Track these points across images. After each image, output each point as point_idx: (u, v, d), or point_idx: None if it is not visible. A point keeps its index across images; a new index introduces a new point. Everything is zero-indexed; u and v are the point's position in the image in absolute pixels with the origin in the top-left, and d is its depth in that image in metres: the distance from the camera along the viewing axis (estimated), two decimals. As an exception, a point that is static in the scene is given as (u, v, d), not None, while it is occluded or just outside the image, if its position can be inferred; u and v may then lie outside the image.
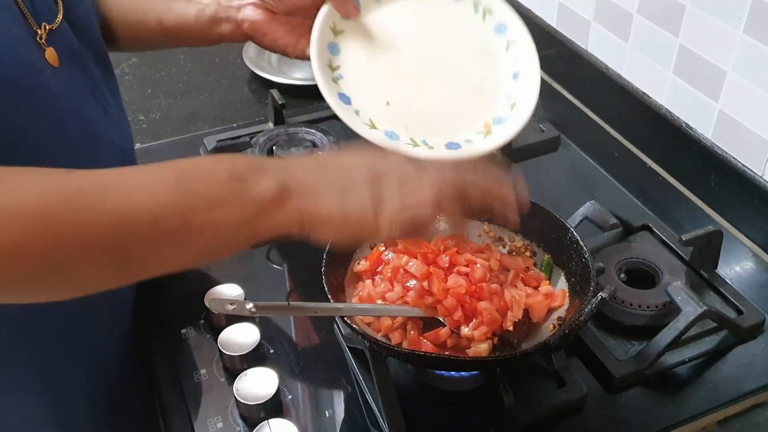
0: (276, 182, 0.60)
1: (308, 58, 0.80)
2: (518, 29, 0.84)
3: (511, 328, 0.78)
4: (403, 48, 0.83)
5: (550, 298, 0.81)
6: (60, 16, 0.74)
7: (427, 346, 0.78)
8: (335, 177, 0.63)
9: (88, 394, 0.89)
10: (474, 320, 0.78)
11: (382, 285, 0.82)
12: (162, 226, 0.56)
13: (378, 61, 0.82)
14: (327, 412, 0.81)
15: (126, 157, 0.86)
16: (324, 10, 0.82)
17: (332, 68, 0.81)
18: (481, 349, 0.76)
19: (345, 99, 0.78)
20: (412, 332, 0.79)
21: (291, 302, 0.78)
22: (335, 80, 0.80)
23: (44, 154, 0.71)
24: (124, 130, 0.87)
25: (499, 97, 0.83)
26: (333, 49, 0.82)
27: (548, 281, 0.85)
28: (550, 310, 0.82)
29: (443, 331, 0.78)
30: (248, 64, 1.39)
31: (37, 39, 0.70)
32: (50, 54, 0.72)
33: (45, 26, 0.72)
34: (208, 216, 0.58)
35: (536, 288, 0.83)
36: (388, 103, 0.80)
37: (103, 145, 0.80)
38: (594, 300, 0.73)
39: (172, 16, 0.92)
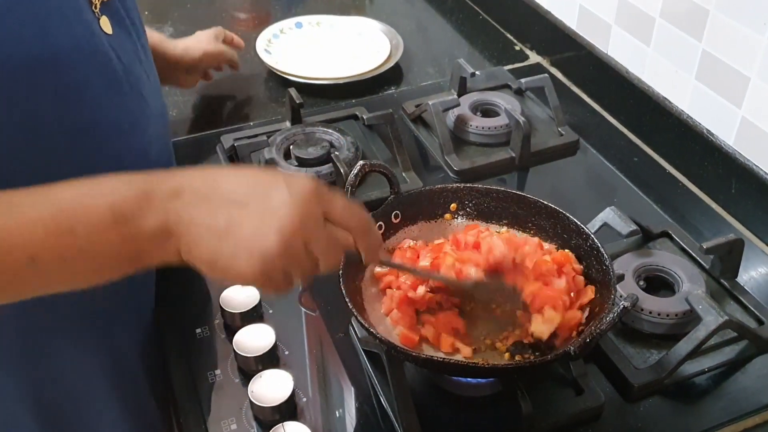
0: (158, 222, 0.59)
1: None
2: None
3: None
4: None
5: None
6: None
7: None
8: (218, 215, 0.60)
9: (107, 393, 0.90)
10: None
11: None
12: (39, 265, 0.58)
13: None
14: (342, 416, 0.80)
15: (164, 123, 0.90)
16: None
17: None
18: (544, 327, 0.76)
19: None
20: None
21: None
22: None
23: (104, 108, 0.75)
24: (161, 99, 0.90)
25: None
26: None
27: None
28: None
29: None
30: (266, 62, 1.38)
31: (93, 8, 0.74)
32: (104, 22, 0.76)
33: None
34: (85, 255, 0.59)
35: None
36: None
37: (149, 106, 0.83)
38: (616, 309, 0.72)
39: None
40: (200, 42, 1.25)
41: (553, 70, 1.41)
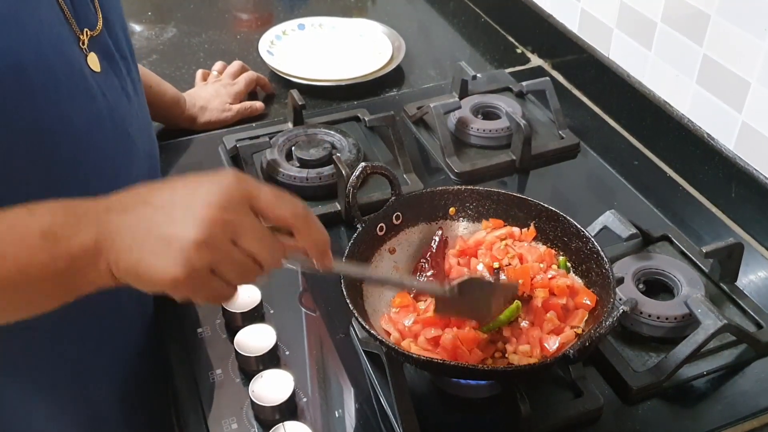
0: (87, 238, 0.57)
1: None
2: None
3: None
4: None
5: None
6: (100, 23, 0.75)
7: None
8: (140, 220, 0.58)
9: (110, 394, 0.90)
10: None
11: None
12: None
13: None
14: (341, 416, 0.81)
15: (152, 165, 0.87)
16: None
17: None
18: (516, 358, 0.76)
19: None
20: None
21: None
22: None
23: (84, 151, 0.72)
24: (150, 135, 0.88)
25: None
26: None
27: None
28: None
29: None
30: (269, 64, 1.39)
31: (80, 45, 0.71)
32: (92, 59, 0.73)
33: (87, 32, 0.72)
34: (18, 278, 0.57)
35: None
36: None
37: (135, 146, 0.81)
38: (615, 312, 0.73)
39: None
40: (219, 97, 1.26)
41: (555, 74, 1.42)
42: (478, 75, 1.27)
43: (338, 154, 1.08)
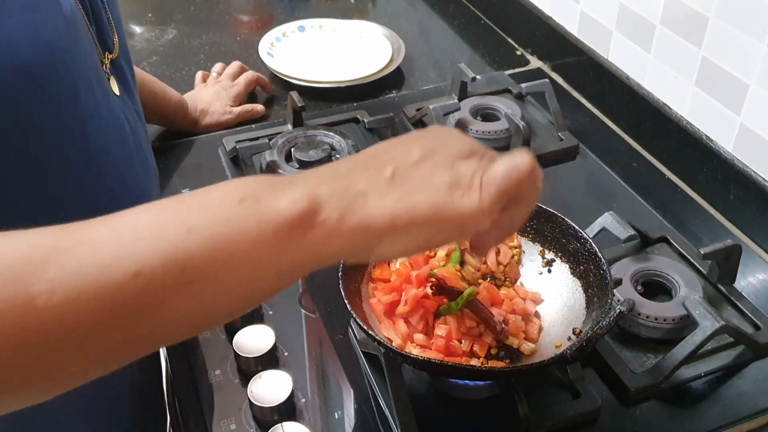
0: (301, 193, 0.45)
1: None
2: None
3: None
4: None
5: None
6: (116, 46, 0.75)
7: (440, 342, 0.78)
8: (380, 167, 0.48)
9: (108, 391, 0.90)
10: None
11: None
12: (146, 280, 0.41)
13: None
14: (340, 417, 0.81)
15: (157, 181, 0.88)
16: None
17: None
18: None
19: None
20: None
21: None
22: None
23: (121, 177, 0.73)
24: (150, 148, 0.88)
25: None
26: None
27: None
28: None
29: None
30: (268, 65, 1.39)
31: (104, 69, 0.71)
32: (113, 83, 0.73)
33: (108, 56, 0.72)
34: (214, 255, 0.43)
35: None
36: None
37: (150, 165, 0.81)
38: (612, 313, 0.73)
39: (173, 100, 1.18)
40: (220, 99, 1.27)
41: (554, 76, 1.42)
42: (478, 77, 1.27)
43: (337, 156, 1.09)
